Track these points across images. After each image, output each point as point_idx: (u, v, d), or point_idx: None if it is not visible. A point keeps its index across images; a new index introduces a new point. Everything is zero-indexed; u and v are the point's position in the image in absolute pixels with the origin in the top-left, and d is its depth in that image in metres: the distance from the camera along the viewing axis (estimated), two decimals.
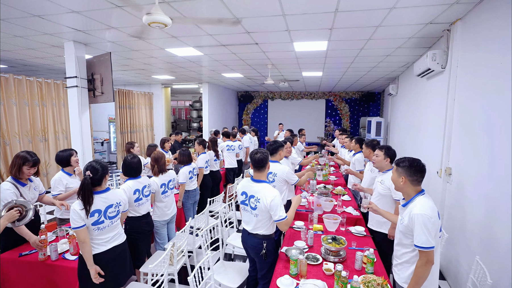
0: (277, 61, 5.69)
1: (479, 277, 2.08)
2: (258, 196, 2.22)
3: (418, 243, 1.71)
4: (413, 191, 1.88)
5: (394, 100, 7.46)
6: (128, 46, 4.63)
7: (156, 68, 6.70)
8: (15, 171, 2.53)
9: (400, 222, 1.90)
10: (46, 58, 5.54)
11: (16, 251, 2.42)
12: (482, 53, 2.69)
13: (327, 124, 11.37)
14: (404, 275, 1.90)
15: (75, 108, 4.42)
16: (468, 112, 2.93)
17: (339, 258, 2.31)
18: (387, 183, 2.60)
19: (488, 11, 2.59)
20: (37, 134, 5.87)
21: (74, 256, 2.35)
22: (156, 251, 3.02)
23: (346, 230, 2.93)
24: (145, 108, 9.18)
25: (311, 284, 1.96)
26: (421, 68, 3.98)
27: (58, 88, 6.28)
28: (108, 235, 2.13)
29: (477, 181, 2.63)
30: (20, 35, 4.00)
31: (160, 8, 2.34)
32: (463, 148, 3.00)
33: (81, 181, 3.06)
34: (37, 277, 2.28)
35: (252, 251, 2.32)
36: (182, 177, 3.50)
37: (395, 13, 3.00)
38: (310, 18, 3.24)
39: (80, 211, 1.95)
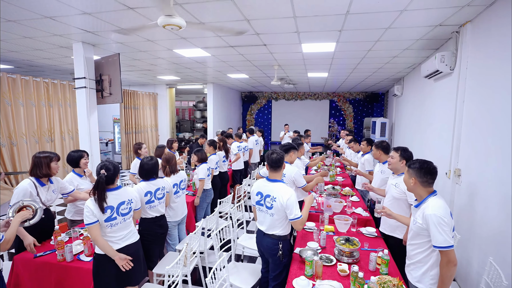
0: (284, 62, 5.71)
1: (493, 278, 2.09)
2: (274, 195, 2.23)
3: (436, 243, 1.72)
4: (425, 192, 1.89)
5: (399, 101, 7.46)
6: (136, 47, 4.66)
7: (162, 69, 6.73)
8: (45, 169, 2.56)
9: (413, 222, 1.91)
10: (53, 59, 5.56)
11: (29, 253, 2.43)
12: (493, 56, 2.70)
13: (331, 125, 11.38)
14: (417, 275, 1.91)
15: (83, 109, 4.44)
16: (479, 114, 2.94)
17: (353, 259, 2.32)
18: (402, 186, 2.60)
19: (500, 13, 2.60)
20: (43, 135, 5.90)
21: (89, 257, 2.36)
22: (168, 252, 3.03)
23: (357, 231, 2.94)
24: (149, 108, 9.20)
25: (327, 285, 1.97)
26: (429, 69, 3.99)
27: (64, 89, 6.31)
28: (121, 233, 2.15)
29: (490, 182, 2.63)
30: (29, 36, 4.03)
31: (175, 10, 2.36)
32: (473, 149, 3.01)
33: (92, 182, 3.12)
34: (51, 278, 2.29)
35: (268, 252, 2.33)
36: (202, 172, 3.53)
37: (406, 15, 3.01)
38: (320, 20, 3.26)
39: (93, 207, 1.98)
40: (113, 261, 2.05)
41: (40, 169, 2.56)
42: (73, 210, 3.03)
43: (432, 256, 1.84)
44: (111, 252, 2.03)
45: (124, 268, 2.07)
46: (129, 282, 2.19)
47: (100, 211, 1.99)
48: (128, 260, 2.08)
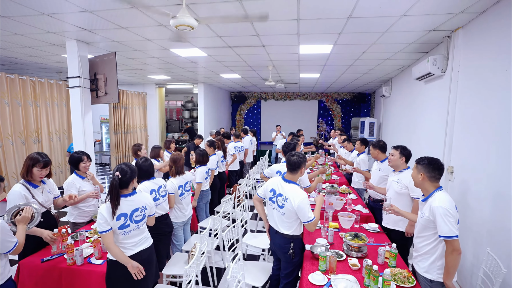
0: (279, 63, 5.78)
1: (491, 267, 2.25)
2: (287, 196, 2.28)
3: (442, 233, 1.84)
4: (432, 187, 2.02)
5: (387, 101, 7.74)
6: (132, 46, 4.57)
7: (154, 68, 6.62)
8: (24, 172, 2.47)
9: (421, 215, 2.03)
10: (42, 56, 5.34)
11: (35, 257, 2.36)
12: (485, 59, 2.89)
13: (320, 125, 11.60)
14: (424, 265, 2.03)
15: (77, 108, 4.30)
16: (471, 114, 3.13)
17: (362, 253, 2.42)
18: (404, 181, 2.74)
19: (491, 21, 2.79)
20: (30, 136, 5.65)
21: (100, 260, 2.32)
22: (175, 253, 3.02)
23: (360, 227, 3.06)
24: (139, 108, 9.01)
25: (342, 278, 2.06)
26: (421, 72, 4.19)
27: (51, 87, 6.07)
28: (134, 239, 2.10)
29: (482, 178, 2.82)
30: (21, 33, 3.86)
31: (186, 10, 2.36)
32: (465, 148, 3.21)
33: (94, 184, 3.04)
34: (61, 283, 2.23)
35: (279, 250, 2.38)
36: (199, 176, 3.52)
37: (404, 20, 3.16)
38: (322, 23, 3.35)
39: (107, 215, 1.94)
40: (125, 267, 2.03)
41: (23, 170, 2.48)
42: (75, 212, 2.96)
43: (438, 248, 1.96)
44: (124, 259, 1.99)
45: (137, 276, 2.04)
46: (142, 287, 2.17)
47: (112, 217, 1.94)
48: (140, 269, 2.04)
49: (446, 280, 1.91)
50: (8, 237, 1.74)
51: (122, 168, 2.05)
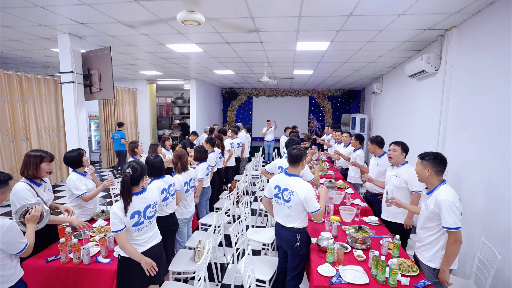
0: (274, 60, 5.80)
1: (486, 254, 2.39)
2: (292, 189, 2.33)
3: (447, 225, 1.94)
4: (437, 180, 2.11)
5: (377, 98, 7.93)
6: (126, 40, 4.47)
7: (147, 64, 6.49)
8: (32, 170, 2.40)
9: (425, 208, 2.12)
10: (29, 50, 5.13)
11: (38, 258, 2.30)
12: (478, 58, 3.02)
13: (311, 121, 11.74)
14: (428, 255, 2.13)
15: (71, 105, 4.18)
16: (463, 110, 3.28)
17: (366, 245, 2.51)
18: (403, 176, 2.84)
19: (484, 21, 2.92)
20: (18, 133, 5.44)
21: (107, 258, 2.30)
22: (178, 250, 3.01)
23: (360, 220, 3.15)
24: (129, 105, 8.82)
25: (351, 269, 2.13)
26: (415, 69, 4.32)
27: (39, 83, 5.85)
28: (147, 235, 2.12)
29: (475, 171, 2.97)
30: (10, 25, 3.70)
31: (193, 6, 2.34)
32: (458, 142, 3.36)
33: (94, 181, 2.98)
34: (68, 283, 2.19)
35: (286, 243, 2.42)
36: (200, 173, 3.51)
37: (402, 18, 3.24)
38: (323, 20, 3.39)
39: (121, 213, 1.93)
40: (139, 263, 2.02)
41: (28, 169, 2.41)
42: (77, 211, 2.88)
43: (441, 239, 2.06)
44: (138, 256, 1.99)
45: (149, 272, 2.04)
46: (153, 283, 2.17)
47: (125, 214, 1.93)
48: (153, 265, 2.05)
49: (445, 267, 2.02)
50: (19, 238, 1.70)
51: (133, 165, 2.03)
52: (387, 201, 2.53)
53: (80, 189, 2.78)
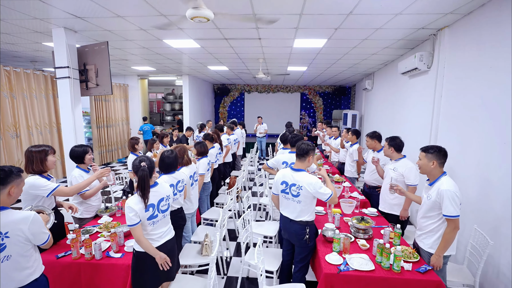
0: (270, 56, 5.85)
1: (478, 240, 2.57)
2: (300, 184, 2.40)
3: (447, 213, 2.08)
4: (439, 172, 2.25)
5: (368, 94, 8.14)
6: (123, 35, 4.40)
7: (141, 59, 6.40)
8: (37, 165, 2.38)
9: (427, 198, 2.25)
10: (18, 44, 4.96)
11: (48, 254, 2.29)
12: (469, 57, 3.19)
13: (302, 117, 11.89)
14: (429, 242, 2.27)
15: (67, 100, 4.09)
16: (455, 106, 3.45)
17: (368, 235, 2.64)
18: (400, 170, 2.97)
19: (476, 21, 3.08)
20: (8, 130, 5.27)
21: (118, 253, 2.31)
22: (184, 244, 3.05)
23: (360, 212, 3.29)
24: (120, 101, 8.66)
25: (357, 257, 2.25)
26: (407, 67, 4.49)
27: (28, 78, 5.66)
28: (161, 229, 2.15)
29: (468, 165, 3.15)
30: (1, 18, 3.57)
31: (203, 2, 2.36)
32: (451, 137, 3.54)
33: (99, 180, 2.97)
34: (80, 278, 2.20)
35: (295, 237, 2.50)
36: (202, 167, 3.54)
37: (399, 18, 3.37)
38: (323, 18, 3.47)
39: (136, 207, 1.95)
40: (153, 258, 2.06)
41: (32, 165, 2.39)
42: (81, 208, 2.87)
43: (442, 227, 2.20)
44: (153, 251, 2.02)
45: (163, 267, 2.09)
46: (167, 278, 2.21)
47: (143, 209, 1.97)
48: (167, 260, 2.09)
49: (440, 253, 2.17)
50: (43, 228, 1.72)
51: (144, 159, 2.06)
52: (391, 187, 2.64)
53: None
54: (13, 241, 1.58)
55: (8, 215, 1.59)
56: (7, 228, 1.56)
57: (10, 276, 1.61)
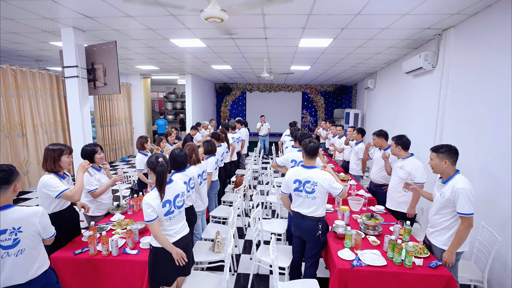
0: (274, 55, 5.89)
1: (486, 237, 2.62)
2: (315, 181, 2.46)
3: (462, 211, 2.13)
4: (452, 170, 2.29)
5: (371, 93, 8.19)
6: (130, 35, 4.43)
7: (146, 59, 6.42)
8: (50, 164, 2.41)
9: (441, 196, 2.29)
10: (25, 43, 4.98)
11: (65, 251, 2.33)
12: (475, 57, 3.24)
13: (304, 116, 11.94)
14: (443, 239, 2.32)
15: (75, 100, 4.12)
16: (461, 105, 3.51)
17: (378, 231, 2.69)
18: (407, 168, 3.02)
19: (482, 22, 3.13)
20: (14, 129, 5.28)
21: (133, 250, 2.35)
22: (195, 242, 3.10)
23: (368, 209, 3.34)
24: (123, 100, 8.67)
25: (369, 253, 2.30)
26: (412, 66, 4.53)
27: (34, 77, 5.67)
28: (177, 225, 2.20)
29: (473, 162, 3.20)
30: (12, 18, 3.59)
31: (217, 3, 2.39)
32: (456, 135, 3.59)
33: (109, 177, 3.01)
34: (98, 274, 2.25)
35: (308, 233, 2.55)
36: (210, 166, 3.58)
37: (405, 18, 3.41)
38: (330, 18, 3.51)
39: (154, 203, 2.00)
40: (170, 254, 2.10)
41: (47, 163, 2.43)
42: (93, 206, 2.91)
43: (455, 224, 2.24)
44: (170, 246, 2.06)
45: (179, 263, 2.13)
46: (182, 273, 2.26)
47: (160, 205, 2.01)
48: (183, 256, 2.13)
49: (453, 250, 2.22)
50: (50, 222, 1.81)
51: (160, 155, 2.11)
52: (406, 186, 2.67)
53: (92, 184, 2.81)
54: (26, 235, 1.68)
55: (18, 210, 1.68)
56: (20, 223, 1.65)
57: (24, 269, 1.70)
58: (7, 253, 1.63)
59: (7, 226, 1.62)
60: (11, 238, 1.63)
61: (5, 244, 1.62)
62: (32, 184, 5.72)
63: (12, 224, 1.63)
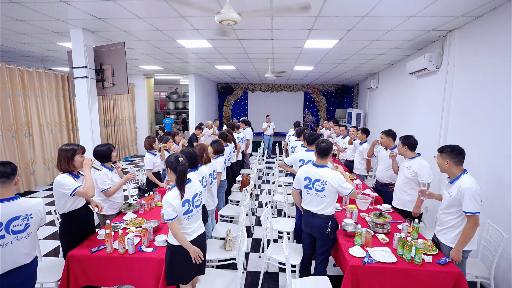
0: (279, 56, 5.94)
1: (492, 235, 2.68)
2: (325, 179, 2.52)
3: (468, 210, 2.19)
4: (458, 170, 2.35)
5: (373, 93, 8.25)
6: (138, 36, 4.48)
7: (151, 59, 6.46)
8: (64, 164, 2.45)
9: (448, 195, 2.35)
10: (32, 44, 5.01)
11: (82, 249, 2.38)
12: (480, 58, 3.30)
13: (306, 116, 12.00)
14: (450, 237, 2.38)
15: (84, 100, 4.18)
16: (467, 106, 3.56)
17: (386, 229, 2.75)
18: (414, 168, 3.07)
19: (486, 24, 3.19)
20: (21, 129, 5.33)
21: (149, 248, 2.40)
22: (206, 240, 3.14)
23: (375, 208, 3.40)
24: (127, 99, 8.72)
25: (380, 250, 2.36)
26: (416, 67, 4.59)
27: (40, 77, 5.72)
28: (194, 224, 2.24)
29: (479, 161, 3.26)
30: (24, 19, 3.64)
31: (231, 6, 2.44)
32: (460, 135, 3.65)
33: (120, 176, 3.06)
34: (119, 271, 2.30)
35: (318, 230, 2.61)
36: (219, 166, 3.63)
37: (412, 20, 3.47)
38: (338, 20, 3.56)
39: (174, 202, 2.04)
40: (188, 252, 2.15)
41: (61, 163, 2.47)
42: (105, 205, 2.95)
43: (462, 223, 2.30)
44: (188, 245, 2.11)
45: (196, 261, 2.18)
46: (198, 272, 2.31)
47: (180, 204, 2.06)
48: (200, 254, 2.18)
49: (460, 247, 2.27)
50: None
51: (179, 155, 2.16)
52: (423, 193, 2.69)
53: (105, 183, 2.86)
54: (34, 221, 1.91)
55: (25, 200, 1.90)
56: (31, 210, 1.89)
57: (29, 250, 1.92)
58: (17, 238, 1.82)
59: (21, 213, 1.83)
60: (23, 223, 1.84)
61: (16, 229, 1.81)
62: (38, 184, 5.77)
63: (25, 211, 1.85)
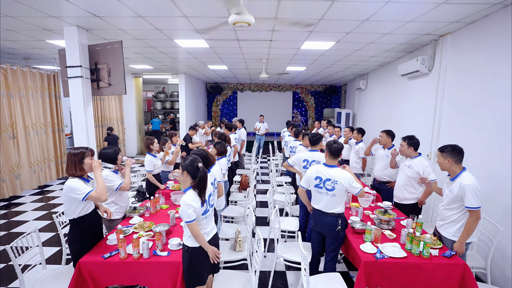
0: (274, 57, 5.98)
1: (488, 228, 2.87)
2: (335, 179, 2.59)
3: (470, 205, 2.33)
4: (458, 168, 2.49)
5: (362, 94, 8.49)
6: (134, 35, 4.37)
7: (142, 58, 6.31)
8: (72, 168, 2.37)
9: (450, 192, 2.49)
10: (18, 41, 4.75)
11: (93, 255, 2.31)
12: (472, 62, 3.51)
13: (294, 116, 12.15)
14: (452, 230, 2.52)
15: (79, 100, 4.01)
16: (459, 108, 3.77)
17: (391, 226, 2.86)
18: (416, 168, 3.20)
19: (478, 30, 3.39)
20: (5, 131, 5.04)
21: (163, 252, 2.37)
22: None
23: (376, 205, 3.53)
24: (114, 99, 8.45)
25: (390, 246, 2.46)
26: (408, 69, 4.79)
27: (25, 76, 5.43)
28: (211, 223, 2.26)
29: (472, 161, 3.45)
30: (14, 15, 3.45)
31: (244, 8, 2.45)
32: (453, 135, 3.86)
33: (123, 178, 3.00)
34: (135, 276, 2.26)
35: (328, 228, 2.68)
36: (224, 167, 3.62)
37: (409, 25, 3.62)
38: (339, 23, 3.65)
39: (195, 204, 2.04)
40: (206, 252, 2.15)
41: (70, 167, 2.40)
42: (112, 209, 2.88)
43: (464, 217, 2.44)
44: (207, 245, 2.12)
45: (214, 260, 2.19)
46: (213, 270, 2.31)
47: (200, 206, 2.06)
48: (217, 254, 2.19)
49: (463, 240, 2.42)
50: None
51: (196, 160, 2.14)
52: (422, 180, 2.86)
53: (115, 181, 2.80)
54: None
55: None
56: None
57: None
58: None
59: None
60: None
61: None
62: (24, 188, 5.48)
63: None
